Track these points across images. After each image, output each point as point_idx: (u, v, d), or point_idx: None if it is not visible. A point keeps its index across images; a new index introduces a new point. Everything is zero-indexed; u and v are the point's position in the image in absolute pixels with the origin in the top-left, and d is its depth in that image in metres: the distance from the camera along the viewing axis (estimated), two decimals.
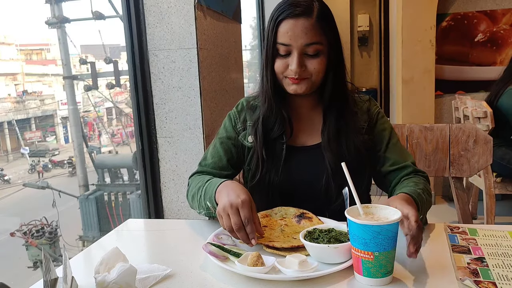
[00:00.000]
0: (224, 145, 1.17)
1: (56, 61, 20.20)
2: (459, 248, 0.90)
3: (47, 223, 6.82)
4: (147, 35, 1.62)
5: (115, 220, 6.40)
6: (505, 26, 3.71)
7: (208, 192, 1.00)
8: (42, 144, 18.38)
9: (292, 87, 1.06)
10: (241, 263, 0.80)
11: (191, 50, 1.59)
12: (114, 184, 6.85)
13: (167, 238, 1.05)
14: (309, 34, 1.01)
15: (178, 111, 1.65)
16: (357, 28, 5.04)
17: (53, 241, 6.72)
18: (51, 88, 20.16)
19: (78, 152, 6.75)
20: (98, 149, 7.18)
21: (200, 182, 1.08)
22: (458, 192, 1.77)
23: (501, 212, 3.30)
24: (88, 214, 6.48)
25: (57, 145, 18.95)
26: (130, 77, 1.65)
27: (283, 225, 1.00)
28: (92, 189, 6.86)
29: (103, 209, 6.51)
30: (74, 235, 6.85)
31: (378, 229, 0.73)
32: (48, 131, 19.26)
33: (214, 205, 0.97)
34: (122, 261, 0.84)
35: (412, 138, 1.77)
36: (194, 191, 1.09)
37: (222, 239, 0.92)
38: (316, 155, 1.11)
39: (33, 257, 6.50)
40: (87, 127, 17.17)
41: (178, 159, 1.67)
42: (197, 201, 1.07)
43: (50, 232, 6.73)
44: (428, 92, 3.66)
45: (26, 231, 6.55)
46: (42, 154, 17.10)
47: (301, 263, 0.79)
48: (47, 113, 19.36)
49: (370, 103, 1.18)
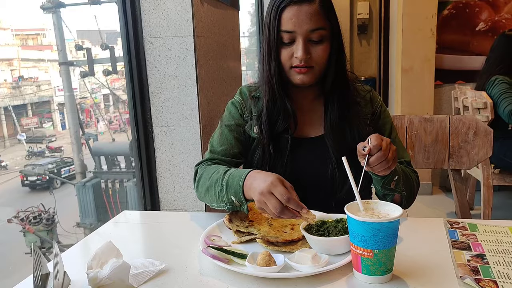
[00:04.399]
0: (233, 133, 1.13)
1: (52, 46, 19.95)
2: (459, 244, 0.88)
3: (44, 210, 6.82)
4: (142, 21, 1.58)
5: (112, 207, 6.41)
6: (506, 15, 3.66)
7: (232, 186, 0.95)
8: (38, 130, 18.28)
9: (299, 77, 1.03)
10: (250, 263, 0.78)
11: (188, 38, 1.55)
12: (111, 171, 6.83)
13: (162, 231, 1.03)
14: (314, 20, 0.99)
15: (174, 100, 1.61)
16: (357, 15, 4.98)
17: (50, 228, 6.72)
18: (47, 74, 19.96)
19: (74, 139, 6.71)
20: (95, 136, 7.13)
21: (215, 173, 1.01)
22: (456, 184, 1.76)
23: (498, 203, 3.30)
24: (85, 201, 6.48)
25: (54, 131, 18.86)
26: (125, 65, 1.61)
27: (269, 218, 0.99)
28: (89, 176, 6.85)
29: (100, 196, 6.51)
30: (72, 222, 6.85)
31: (378, 226, 0.71)
32: (44, 117, 19.14)
33: (241, 199, 0.93)
34: (116, 255, 0.83)
35: (412, 130, 1.75)
36: (209, 184, 1.01)
37: (215, 241, 0.90)
38: (320, 146, 1.10)
39: (30, 243, 6.51)
40: (84, 114, 17.06)
41: (174, 149, 1.65)
42: (215, 194, 1.00)
43: (47, 219, 6.73)
44: (428, 81, 3.62)
45: (23, 217, 6.55)
46: (39, 141, 17.02)
47: (314, 257, 0.78)
48: (44, 99, 19.20)
49: (372, 93, 1.17)
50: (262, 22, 3.61)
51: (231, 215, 1.00)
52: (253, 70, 4.70)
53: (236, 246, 0.90)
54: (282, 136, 1.10)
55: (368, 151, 0.85)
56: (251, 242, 0.93)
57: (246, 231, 0.95)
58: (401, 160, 1.13)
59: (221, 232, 0.97)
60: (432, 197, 3.69)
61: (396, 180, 0.98)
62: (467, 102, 2.95)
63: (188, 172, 1.65)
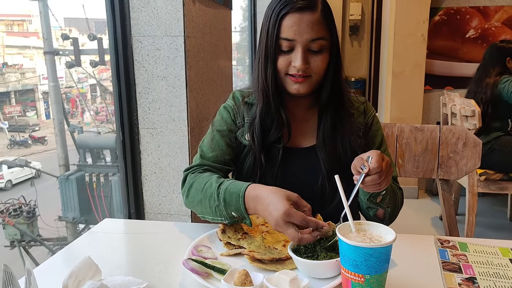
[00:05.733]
0: (225, 139, 1.09)
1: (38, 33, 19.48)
2: (449, 266, 0.87)
3: (25, 202, 6.67)
4: (131, 19, 1.52)
5: (96, 201, 6.30)
6: (496, 23, 3.69)
7: (231, 204, 0.90)
8: (22, 119, 17.88)
9: (295, 86, 1.00)
10: (227, 281, 0.75)
11: (178, 38, 1.50)
12: (96, 165, 6.70)
13: (146, 244, 0.99)
14: (315, 29, 0.96)
15: (162, 102, 1.57)
16: (349, 16, 4.96)
17: (31, 221, 6.57)
18: (32, 61, 19.51)
19: (58, 131, 6.55)
20: (80, 129, 6.99)
21: (207, 185, 0.96)
22: (444, 194, 1.76)
23: (482, 208, 3.34)
24: (68, 195, 6.34)
25: (38, 120, 18.49)
26: (111, 63, 1.55)
27: (264, 232, 0.96)
28: (73, 169, 6.70)
29: (83, 190, 6.37)
30: (53, 216, 6.72)
31: (371, 251, 0.69)
32: (28, 106, 18.73)
33: (244, 215, 0.90)
34: (94, 273, 0.79)
35: (402, 138, 1.74)
36: (202, 197, 0.97)
37: (202, 252, 0.87)
38: (311, 157, 1.07)
39: (10, 236, 6.36)
40: (70, 104, 16.74)
41: (161, 152, 1.60)
42: (210, 208, 0.95)
43: (28, 212, 6.58)
44: (418, 86, 3.64)
45: (3, 209, 6.40)
46: (21, 129, 16.67)
47: (292, 281, 0.74)
48: (28, 87, 18.77)
49: (366, 105, 1.15)
50: (254, 18, 3.56)
51: (226, 225, 0.97)
52: (243, 66, 4.65)
53: (223, 259, 0.88)
54: (274, 145, 1.07)
55: (367, 171, 0.82)
56: (239, 256, 0.90)
57: (237, 244, 0.92)
58: None
59: (211, 243, 0.94)
60: (417, 201, 3.72)
61: (383, 195, 0.96)
62: (455, 109, 2.96)
63: (175, 175, 1.61)
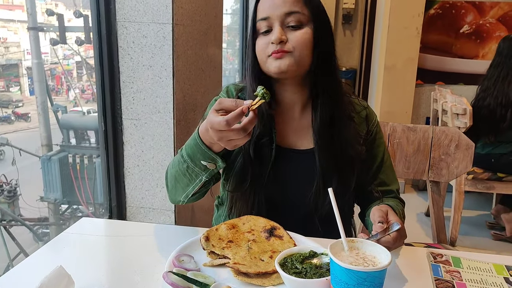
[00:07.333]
0: None
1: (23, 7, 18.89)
2: (443, 284, 0.83)
3: (6, 181, 6.52)
4: (115, 3, 1.43)
5: (79, 183, 6.18)
6: (491, 20, 3.66)
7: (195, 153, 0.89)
8: (4, 94, 17.42)
9: (275, 63, 0.94)
10: None
11: (166, 26, 1.42)
12: (80, 146, 6.55)
13: (125, 248, 0.93)
14: (288, 3, 0.93)
15: (147, 92, 1.49)
16: (343, 5, 4.87)
17: (12, 200, 6.43)
18: (17, 35, 18.95)
19: (41, 110, 6.36)
20: (64, 108, 6.79)
21: (175, 159, 0.97)
22: (434, 196, 1.74)
23: (467, 205, 3.36)
24: (50, 176, 6.20)
25: (21, 96, 18.04)
26: (94, 49, 1.46)
27: (250, 240, 0.91)
28: (56, 149, 6.55)
29: (66, 171, 6.24)
30: (35, 196, 6.59)
31: (364, 275, 0.64)
32: (12, 81, 18.25)
33: (212, 155, 0.88)
34: (66, 284, 0.73)
35: (394, 138, 1.70)
36: (174, 171, 0.96)
37: (183, 263, 0.81)
38: (308, 160, 1.02)
39: None
40: (55, 80, 16.36)
41: (145, 144, 1.53)
42: (184, 176, 0.94)
43: (9, 191, 6.43)
44: (409, 80, 3.60)
45: None
46: (4, 105, 16.25)
47: None
48: (12, 61, 18.27)
49: (368, 111, 1.09)
50: (246, 1, 3.46)
51: (210, 232, 0.92)
52: (233, 49, 4.58)
53: (206, 270, 0.83)
54: (265, 145, 1.01)
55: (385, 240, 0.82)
56: (223, 267, 0.85)
57: (221, 253, 0.87)
58: (389, 189, 1.08)
59: (194, 251, 0.88)
60: (404, 196, 3.69)
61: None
62: (446, 106, 2.94)
63: (159, 169, 1.54)
